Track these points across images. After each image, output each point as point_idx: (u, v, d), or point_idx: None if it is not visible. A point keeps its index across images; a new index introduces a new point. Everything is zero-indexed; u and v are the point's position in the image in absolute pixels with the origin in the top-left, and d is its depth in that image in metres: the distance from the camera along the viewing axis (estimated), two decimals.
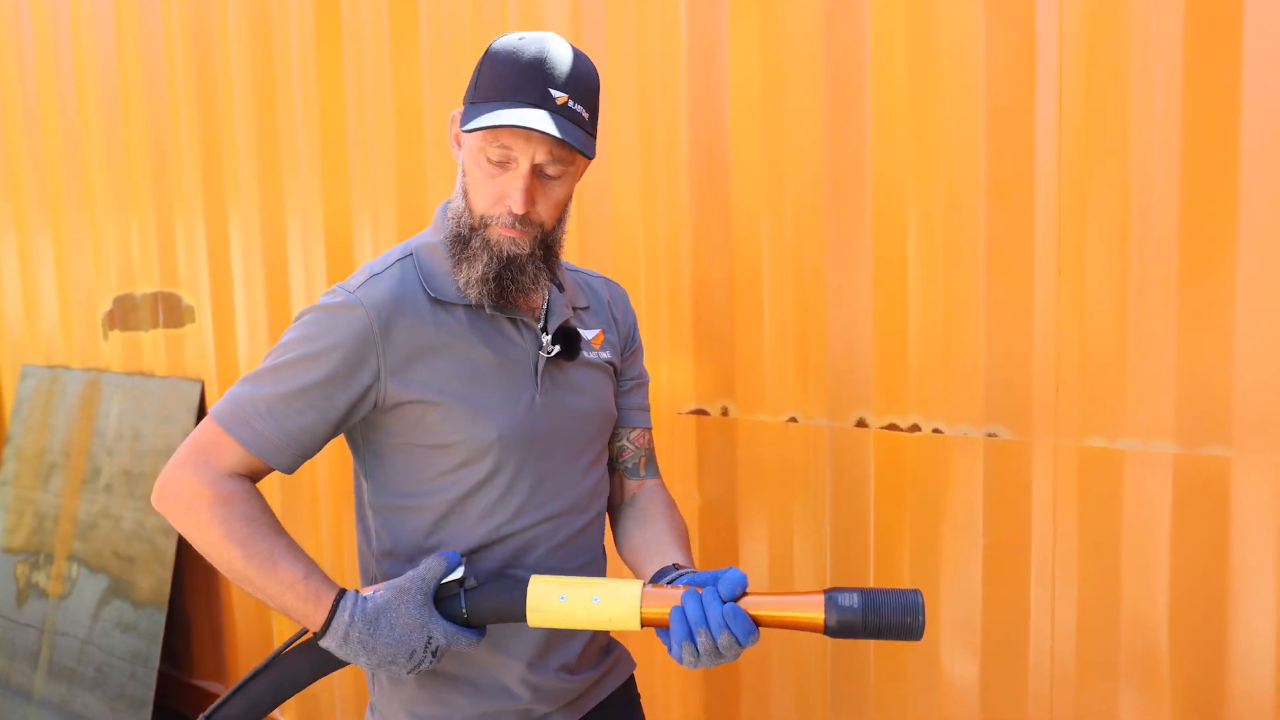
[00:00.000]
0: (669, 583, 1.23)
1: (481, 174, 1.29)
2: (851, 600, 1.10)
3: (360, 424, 1.35)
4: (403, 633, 1.19)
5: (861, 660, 1.90)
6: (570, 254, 2.24)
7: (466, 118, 1.28)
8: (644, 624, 1.16)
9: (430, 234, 1.39)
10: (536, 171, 1.28)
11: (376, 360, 1.28)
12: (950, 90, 1.69)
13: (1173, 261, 1.53)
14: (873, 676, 1.89)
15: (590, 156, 1.30)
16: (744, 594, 1.15)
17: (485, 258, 1.29)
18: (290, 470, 1.30)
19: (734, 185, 1.97)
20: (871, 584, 1.87)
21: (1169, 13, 1.50)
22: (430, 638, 1.20)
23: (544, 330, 1.38)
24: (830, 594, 1.12)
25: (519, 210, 1.27)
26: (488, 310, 1.33)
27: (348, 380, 1.27)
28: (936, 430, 1.77)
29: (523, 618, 1.18)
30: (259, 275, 2.95)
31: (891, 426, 1.82)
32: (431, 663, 1.21)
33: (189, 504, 1.25)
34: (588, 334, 1.44)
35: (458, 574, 1.22)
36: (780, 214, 1.91)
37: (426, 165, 2.50)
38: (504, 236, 1.29)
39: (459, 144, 1.36)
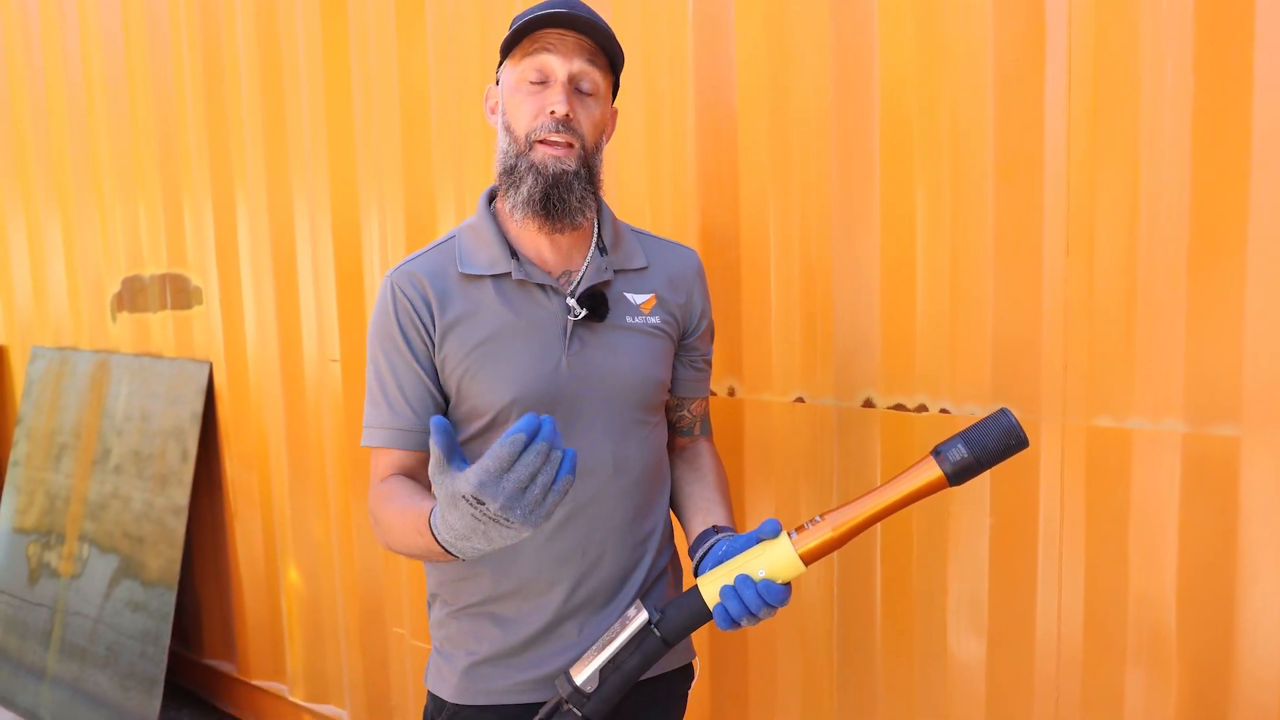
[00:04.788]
0: (711, 546, 1.36)
1: (522, 96, 1.39)
2: (959, 451, 1.19)
3: None
4: (444, 502, 1.08)
5: (868, 637, 1.90)
6: None
7: (506, 49, 1.41)
8: (808, 564, 1.24)
9: (474, 217, 1.50)
10: (574, 84, 1.39)
11: (421, 327, 1.41)
12: (958, 68, 1.68)
13: (1182, 241, 1.51)
14: (880, 654, 1.89)
15: (620, 56, 1.43)
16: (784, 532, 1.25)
17: (531, 179, 1.38)
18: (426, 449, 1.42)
19: (741, 165, 1.96)
20: (879, 566, 1.87)
21: None
22: (452, 493, 1.07)
23: (572, 294, 1.44)
24: (937, 453, 1.21)
25: (562, 110, 1.36)
26: (515, 276, 1.42)
27: (420, 343, 1.41)
28: (944, 410, 1.76)
29: (708, 616, 1.25)
30: (266, 257, 2.96)
31: (898, 407, 1.81)
32: (478, 510, 1.04)
33: (377, 522, 1.37)
34: (638, 298, 1.49)
35: (643, 617, 1.25)
36: (787, 195, 1.90)
37: (432, 148, 2.50)
38: (549, 155, 1.38)
39: (494, 110, 1.46)
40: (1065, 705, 1.69)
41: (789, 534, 1.25)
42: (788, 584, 1.23)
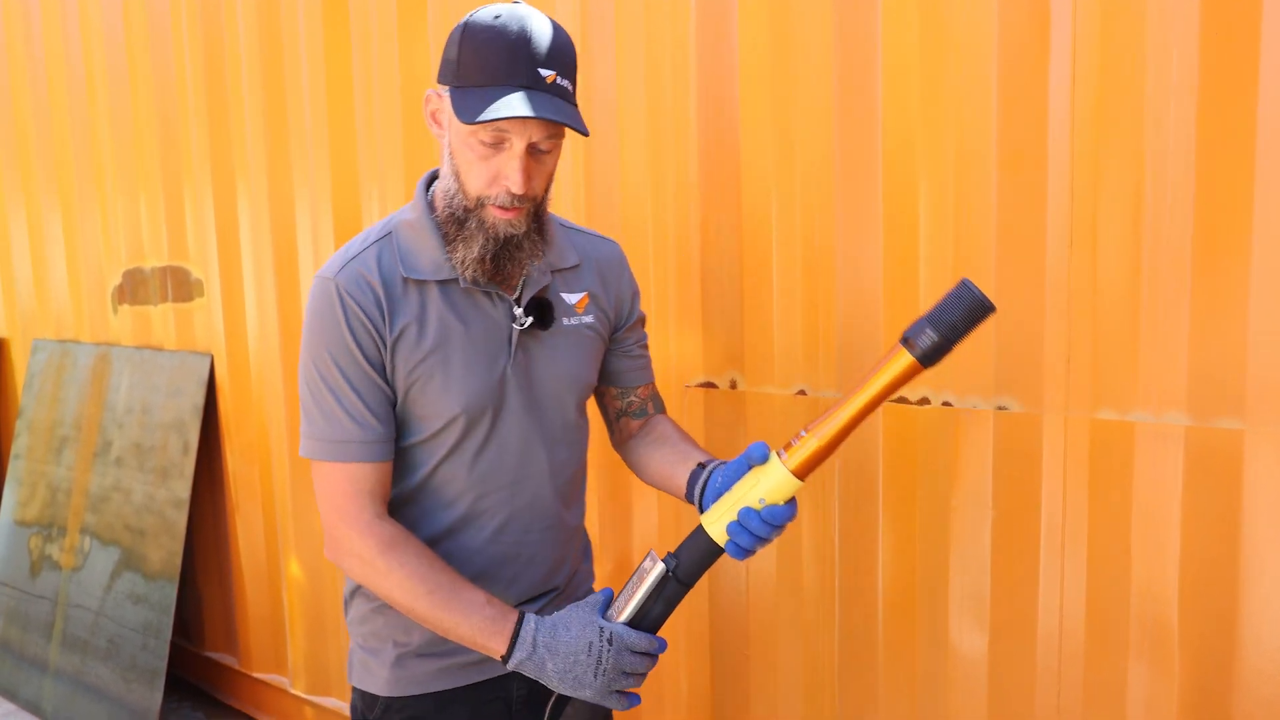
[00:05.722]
0: (706, 478, 1.38)
1: (474, 156, 1.30)
2: (928, 336, 1.19)
3: None
4: (579, 630, 1.27)
5: (870, 630, 1.90)
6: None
7: (458, 103, 1.27)
8: (803, 478, 1.27)
9: (409, 211, 1.42)
10: (530, 149, 1.29)
11: (374, 331, 1.35)
12: (962, 60, 1.67)
13: (1186, 233, 1.51)
14: (881, 647, 1.89)
15: (586, 134, 1.30)
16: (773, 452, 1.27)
17: (482, 239, 1.32)
18: (392, 457, 1.39)
19: (743, 156, 1.95)
20: (881, 559, 1.87)
21: None
22: (602, 629, 1.27)
23: (518, 301, 1.41)
24: (905, 339, 1.21)
25: (518, 190, 1.29)
26: (462, 285, 1.37)
27: (373, 348, 1.35)
28: (946, 403, 1.76)
29: (720, 552, 1.29)
30: (267, 249, 2.95)
31: (901, 399, 1.81)
32: (610, 656, 1.26)
33: (362, 559, 1.33)
34: (571, 298, 1.47)
35: (660, 568, 1.28)
36: (790, 186, 1.90)
37: (433, 140, 2.48)
38: (500, 219, 1.31)
39: (438, 123, 1.36)
40: (1067, 698, 1.68)
41: (777, 454, 1.27)
42: (791, 501, 1.26)
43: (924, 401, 1.78)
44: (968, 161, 1.68)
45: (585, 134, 1.30)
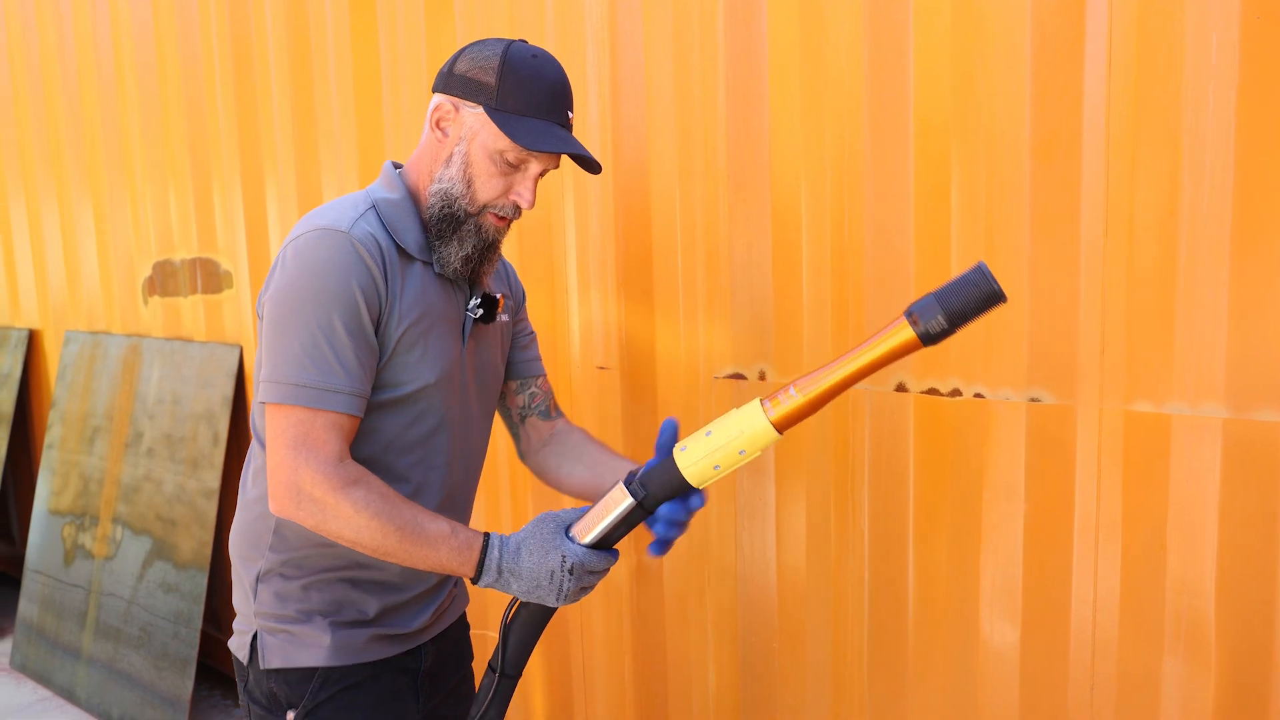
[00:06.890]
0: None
1: (494, 170, 1.42)
2: (938, 322, 1.15)
3: None
4: (541, 556, 1.33)
5: (899, 624, 1.89)
6: (608, 219, 2.22)
7: (507, 126, 1.38)
8: (783, 431, 1.25)
9: (386, 190, 1.48)
10: (542, 174, 1.46)
11: (377, 293, 1.38)
12: (995, 46, 1.65)
13: (1225, 221, 1.48)
14: (911, 640, 1.88)
15: (599, 171, 1.48)
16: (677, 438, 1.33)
17: (475, 240, 1.46)
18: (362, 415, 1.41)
19: (772, 146, 1.94)
20: (911, 551, 1.86)
21: None
22: (564, 556, 1.32)
23: (471, 293, 1.53)
24: (911, 315, 1.17)
25: (528, 207, 1.46)
26: (436, 269, 1.47)
27: (374, 307, 1.38)
28: (978, 395, 1.74)
29: (688, 487, 1.30)
30: None
31: (932, 391, 1.79)
32: (571, 581, 1.32)
33: (322, 502, 1.32)
34: (494, 296, 1.58)
35: (629, 500, 1.32)
36: (819, 175, 1.88)
37: None
38: (495, 226, 1.46)
39: (443, 130, 1.45)
40: (1100, 692, 1.67)
41: (761, 402, 1.25)
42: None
43: (955, 393, 1.76)
44: (1001, 148, 1.66)
45: (599, 171, 1.48)
